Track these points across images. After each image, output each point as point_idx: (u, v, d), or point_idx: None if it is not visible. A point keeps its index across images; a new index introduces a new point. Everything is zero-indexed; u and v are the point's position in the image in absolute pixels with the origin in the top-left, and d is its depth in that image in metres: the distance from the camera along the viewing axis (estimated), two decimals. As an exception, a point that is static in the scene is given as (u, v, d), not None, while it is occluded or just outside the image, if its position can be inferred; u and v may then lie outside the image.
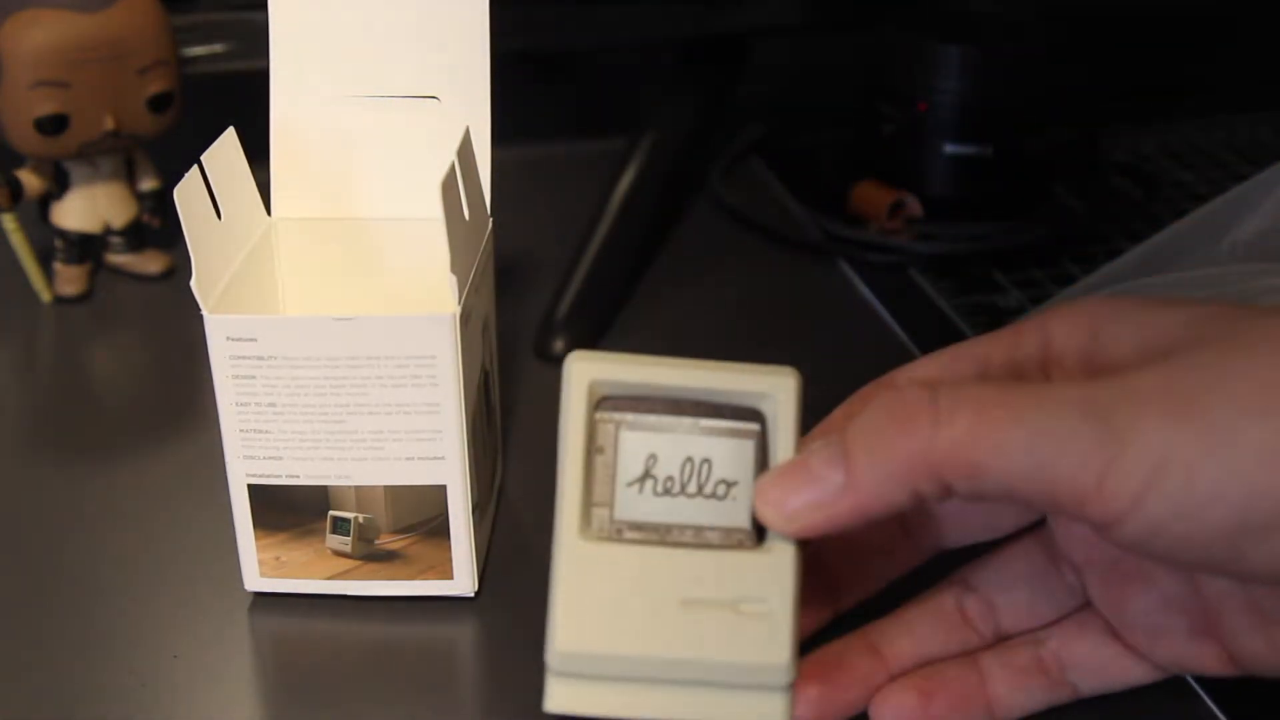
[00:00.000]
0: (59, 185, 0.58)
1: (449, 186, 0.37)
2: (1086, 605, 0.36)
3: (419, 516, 0.40)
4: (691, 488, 0.32)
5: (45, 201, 0.59)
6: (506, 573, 0.43)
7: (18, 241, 0.58)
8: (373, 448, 0.39)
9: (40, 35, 0.54)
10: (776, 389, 0.32)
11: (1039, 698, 0.35)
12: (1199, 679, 0.39)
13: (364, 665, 0.40)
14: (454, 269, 0.38)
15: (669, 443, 0.32)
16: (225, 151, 0.41)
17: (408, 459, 0.39)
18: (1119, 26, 0.80)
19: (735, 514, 0.32)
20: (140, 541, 0.45)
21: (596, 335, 0.56)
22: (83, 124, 0.55)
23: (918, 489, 0.29)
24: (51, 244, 0.59)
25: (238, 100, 0.48)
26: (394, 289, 0.45)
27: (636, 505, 0.32)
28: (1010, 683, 0.35)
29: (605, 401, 0.32)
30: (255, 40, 0.48)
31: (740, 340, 0.55)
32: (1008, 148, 0.62)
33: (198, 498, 0.46)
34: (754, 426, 0.32)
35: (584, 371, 0.32)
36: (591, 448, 0.32)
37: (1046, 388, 0.28)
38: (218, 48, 0.67)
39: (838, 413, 0.36)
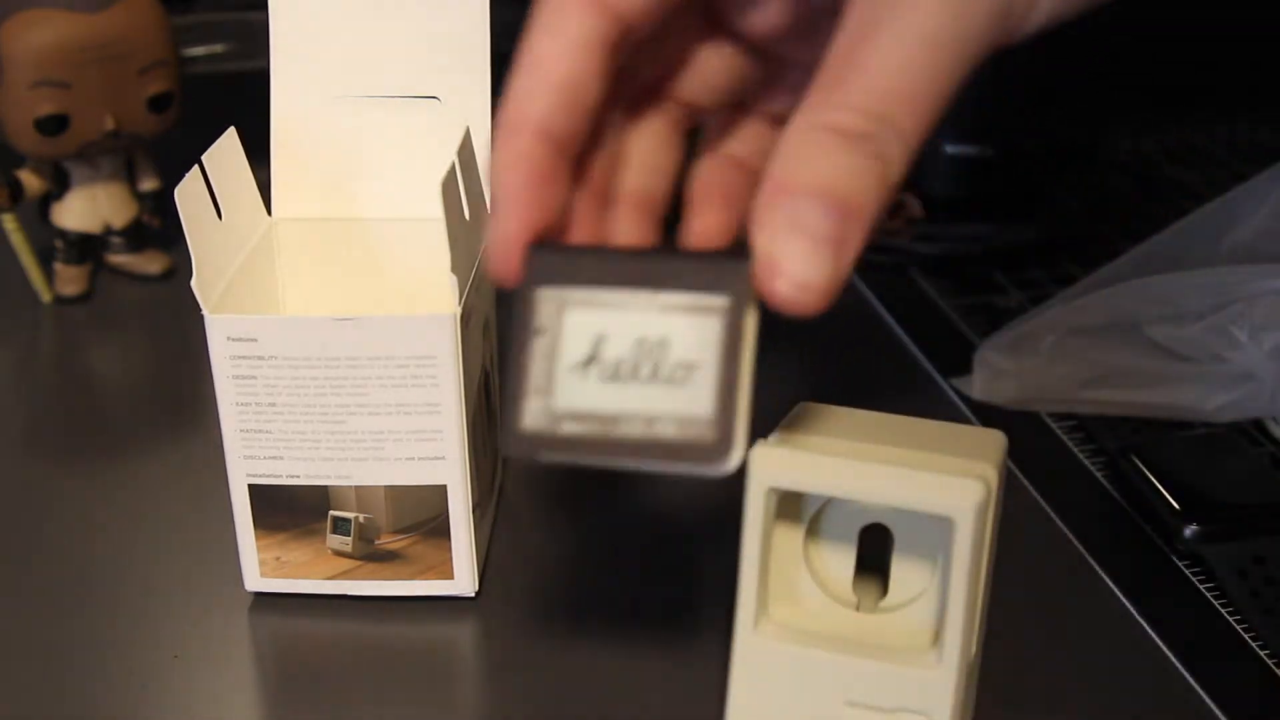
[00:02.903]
0: (59, 185, 0.58)
1: (449, 186, 0.37)
2: None
3: (419, 516, 0.40)
4: (645, 372, 0.28)
5: (45, 201, 0.59)
6: (506, 573, 0.43)
7: (18, 241, 0.58)
8: (373, 448, 0.39)
9: (40, 35, 0.54)
10: (959, 508, 0.31)
11: None
12: (1199, 681, 0.39)
13: (364, 665, 0.40)
14: (454, 269, 0.38)
15: (620, 322, 0.28)
16: (225, 151, 0.41)
17: (408, 459, 0.39)
18: (1119, 26, 0.80)
19: (695, 401, 0.28)
20: (140, 541, 0.45)
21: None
22: (83, 124, 0.55)
23: None
24: (51, 244, 0.59)
25: (238, 100, 0.48)
26: (394, 289, 0.45)
27: (580, 392, 0.28)
28: None
29: (550, 275, 0.29)
30: (255, 40, 0.48)
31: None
32: (1008, 148, 0.62)
33: (198, 498, 0.46)
34: (722, 300, 0.28)
35: (765, 476, 0.32)
36: (766, 542, 0.32)
37: None
38: (218, 48, 0.68)
39: None
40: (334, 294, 0.45)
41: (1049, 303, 0.51)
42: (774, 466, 0.32)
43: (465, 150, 0.40)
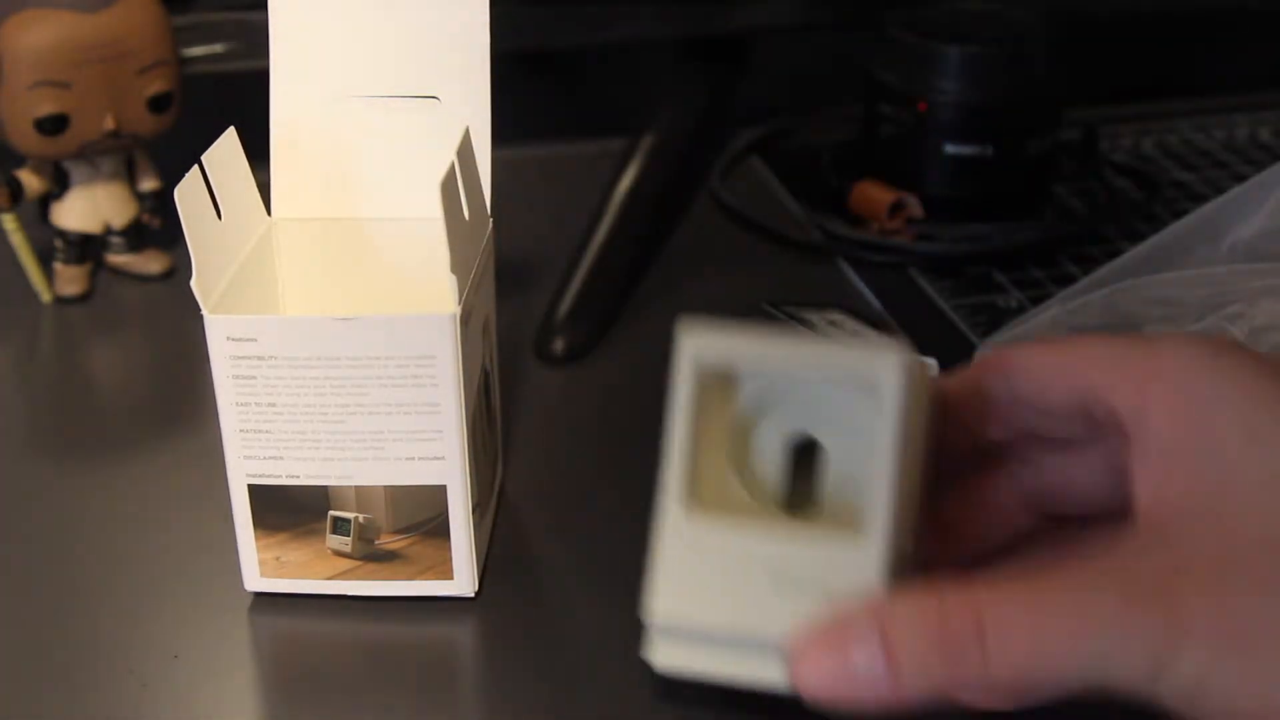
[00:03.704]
0: (59, 185, 0.59)
1: (449, 186, 0.37)
2: None
3: (419, 516, 0.40)
4: None
5: (45, 201, 0.59)
6: (506, 573, 0.43)
7: (18, 241, 0.58)
8: (373, 448, 0.39)
9: (40, 35, 0.54)
10: (885, 373, 0.30)
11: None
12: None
13: (364, 665, 0.40)
14: (454, 269, 0.38)
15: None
16: (225, 151, 0.41)
17: (408, 459, 0.39)
18: (1119, 26, 0.80)
19: None
20: (140, 541, 0.45)
21: (597, 335, 0.56)
22: (83, 124, 0.55)
23: (968, 699, 0.30)
24: (51, 244, 0.59)
25: (238, 100, 0.48)
26: (394, 289, 0.45)
27: None
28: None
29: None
30: (255, 40, 0.48)
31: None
32: (1008, 148, 0.62)
33: (198, 498, 0.46)
34: None
35: (693, 352, 0.32)
36: (694, 425, 0.32)
37: (1099, 591, 0.29)
38: (218, 48, 0.67)
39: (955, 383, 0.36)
40: (334, 294, 0.45)
41: (1049, 303, 0.51)
42: (702, 343, 0.32)
43: (465, 150, 0.40)
